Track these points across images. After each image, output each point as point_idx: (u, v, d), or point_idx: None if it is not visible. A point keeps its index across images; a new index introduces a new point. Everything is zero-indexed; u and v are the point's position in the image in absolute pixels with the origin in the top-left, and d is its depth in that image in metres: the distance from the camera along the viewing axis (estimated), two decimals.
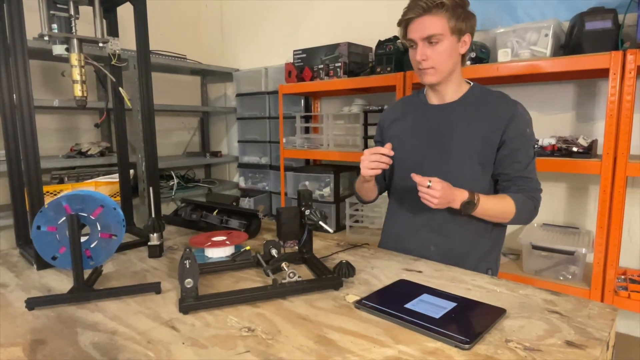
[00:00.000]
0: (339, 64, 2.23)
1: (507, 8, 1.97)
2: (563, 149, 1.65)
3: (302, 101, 2.76)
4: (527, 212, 1.19)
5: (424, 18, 1.15)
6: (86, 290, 0.88)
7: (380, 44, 2.10)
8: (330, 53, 2.28)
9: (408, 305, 0.83)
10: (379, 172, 1.17)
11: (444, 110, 1.26)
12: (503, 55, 1.69)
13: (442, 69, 1.19)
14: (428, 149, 1.26)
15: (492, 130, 1.18)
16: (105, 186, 2.29)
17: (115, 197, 2.27)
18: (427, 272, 1.05)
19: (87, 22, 1.24)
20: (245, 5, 3.14)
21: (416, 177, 1.07)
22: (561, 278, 1.68)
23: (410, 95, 1.41)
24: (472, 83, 1.29)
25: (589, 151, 1.60)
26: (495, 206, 1.16)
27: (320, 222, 1.03)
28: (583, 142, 1.63)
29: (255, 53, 3.14)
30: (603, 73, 1.55)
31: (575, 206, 1.91)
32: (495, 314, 0.80)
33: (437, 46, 1.16)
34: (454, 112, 1.24)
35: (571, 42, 1.63)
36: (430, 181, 1.06)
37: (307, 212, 1.05)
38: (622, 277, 1.65)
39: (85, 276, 0.91)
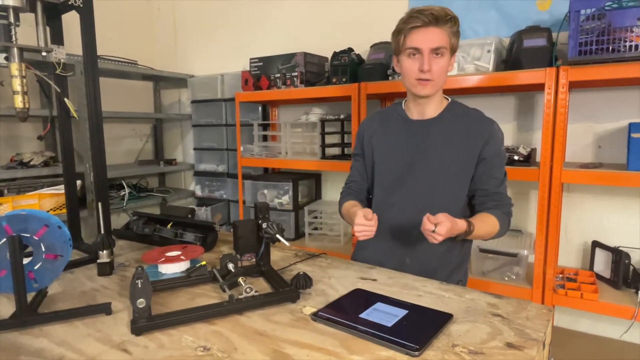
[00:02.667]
0: (296, 74, 2.25)
1: None
2: None
3: (260, 108, 2.75)
4: (505, 227, 1.23)
5: (433, 29, 1.14)
6: (30, 314, 0.84)
7: (336, 55, 2.15)
8: (287, 62, 2.30)
9: (362, 315, 0.86)
10: (372, 235, 1.15)
11: (424, 127, 1.27)
12: None
13: (438, 83, 1.20)
14: (410, 165, 1.27)
15: (470, 148, 1.22)
16: (49, 198, 2.17)
17: (60, 209, 2.16)
18: (381, 280, 1.08)
19: (31, 26, 1.18)
20: (199, 11, 3.09)
21: (426, 221, 1.04)
22: (506, 279, 1.78)
23: (388, 107, 1.41)
24: (449, 99, 1.31)
25: (528, 159, 1.72)
26: (485, 229, 1.19)
27: (278, 235, 1.04)
28: (523, 151, 1.75)
29: (210, 59, 3.10)
30: (540, 87, 1.67)
31: (518, 210, 2.04)
32: (443, 319, 0.84)
33: (440, 59, 1.17)
34: (434, 129, 1.26)
35: (511, 57, 1.75)
36: (435, 225, 1.03)
37: (264, 225, 1.06)
38: (560, 275, 1.79)
39: (29, 299, 0.86)
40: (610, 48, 1.47)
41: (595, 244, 1.80)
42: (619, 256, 1.66)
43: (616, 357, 1.78)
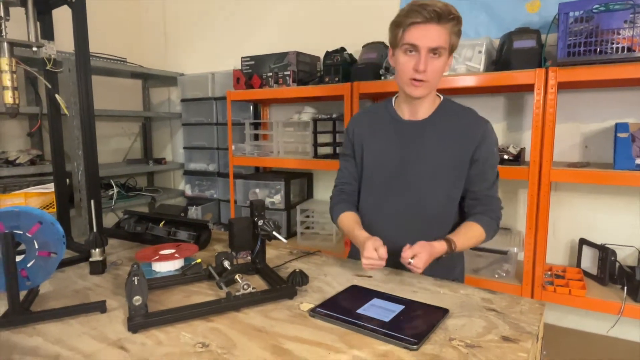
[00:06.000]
0: (288, 73, 2.25)
1: None
2: None
3: (251, 107, 2.74)
4: (492, 232, 1.21)
5: (433, 26, 1.06)
6: (22, 313, 0.82)
7: (328, 54, 2.15)
8: (279, 61, 2.29)
9: (360, 311, 0.86)
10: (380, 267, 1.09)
11: (417, 128, 1.21)
12: None
13: (432, 85, 1.14)
14: (401, 168, 1.21)
15: (463, 149, 1.17)
16: (36, 197, 2.13)
17: (47, 209, 2.12)
18: (377, 277, 1.09)
19: (16, 22, 1.15)
20: (190, 8, 3.07)
21: (403, 253, 1.03)
22: (496, 276, 1.81)
23: (377, 105, 1.31)
24: (442, 97, 1.24)
25: (518, 159, 1.75)
26: (470, 241, 1.17)
27: (274, 232, 1.04)
28: (513, 150, 1.78)
29: (200, 58, 3.07)
30: (529, 87, 1.70)
31: (507, 208, 2.07)
32: (440, 314, 0.85)
33: (437, 60, 1.09)
34: (426, 130, 1.20)
35: (501, 58, 1.78)
36: (412, 258, 1.02)
37: (260, 222, 1.06)
38: (549, 272, 1.82)
39: (21, 297, 0.85)
40: (598, 50, 1.51)
41: (582, 242, 1.84)
42: (605, 253, 1.70)
43: (603, 352, 1.82)
